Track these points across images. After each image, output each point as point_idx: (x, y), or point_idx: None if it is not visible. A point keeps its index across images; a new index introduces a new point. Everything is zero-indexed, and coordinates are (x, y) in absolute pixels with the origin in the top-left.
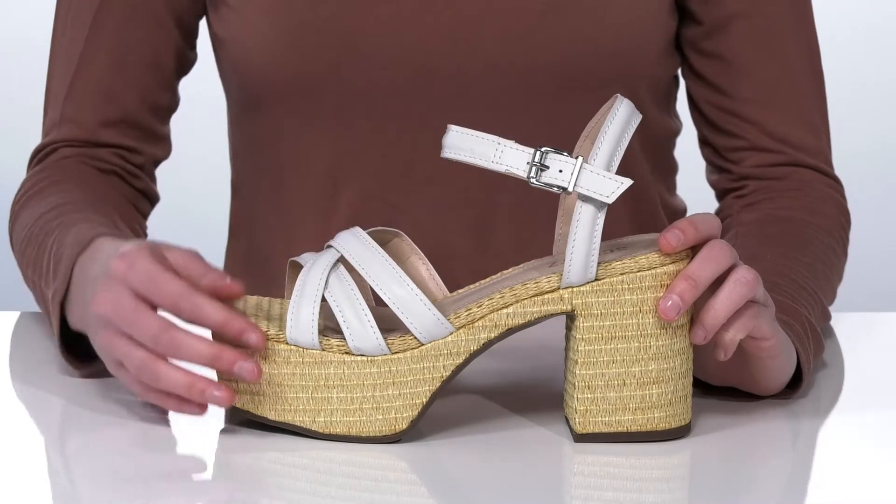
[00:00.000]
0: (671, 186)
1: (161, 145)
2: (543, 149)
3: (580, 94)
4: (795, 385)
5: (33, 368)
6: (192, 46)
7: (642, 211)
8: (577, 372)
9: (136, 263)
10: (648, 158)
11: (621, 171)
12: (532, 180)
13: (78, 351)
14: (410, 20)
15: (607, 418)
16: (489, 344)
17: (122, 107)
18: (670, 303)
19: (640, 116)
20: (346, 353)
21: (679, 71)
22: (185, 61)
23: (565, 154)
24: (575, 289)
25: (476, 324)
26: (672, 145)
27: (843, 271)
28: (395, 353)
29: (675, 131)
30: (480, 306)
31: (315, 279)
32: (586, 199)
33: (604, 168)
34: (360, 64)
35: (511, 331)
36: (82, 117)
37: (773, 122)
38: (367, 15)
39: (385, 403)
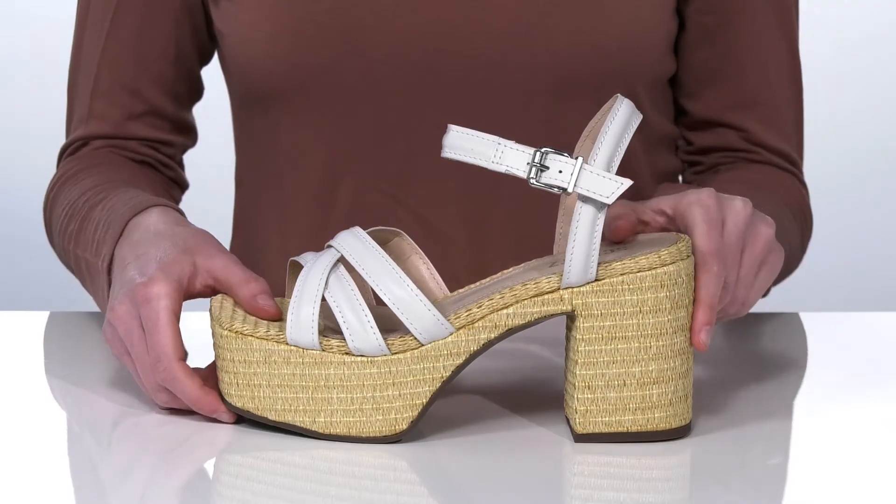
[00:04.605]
0: None
1: (188, 133)
2: (544, 149)
3: (579, 94)
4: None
5: (29, 369)
6: (212, 35)
7: None
8: (578, 372)
9: (151, 300)
10: (648, 159)
11: (623, 171)
12: (532, 181)
13: None
14: (410, 14)
15: (607, 418)
16: (489, 344)
17: (147, 101)
18: (704, 334)
19: (641, 116)
20: (346, 353)
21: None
22: (206, 50)
23: (566, 155)
24: (575, 289)
25: (476, 324)
26: (672, 147)
27: (803, 242)
28: (395, 353)
29: (673, 133)
30: (480, 307)
31: (315, 279)
32: (586, 199)
33: (604, 168)
34: (359, 58)
35: (511, 331)
36: (109, 113)
37: (751, 129)
38: (366, 9)
39: (385, 404)
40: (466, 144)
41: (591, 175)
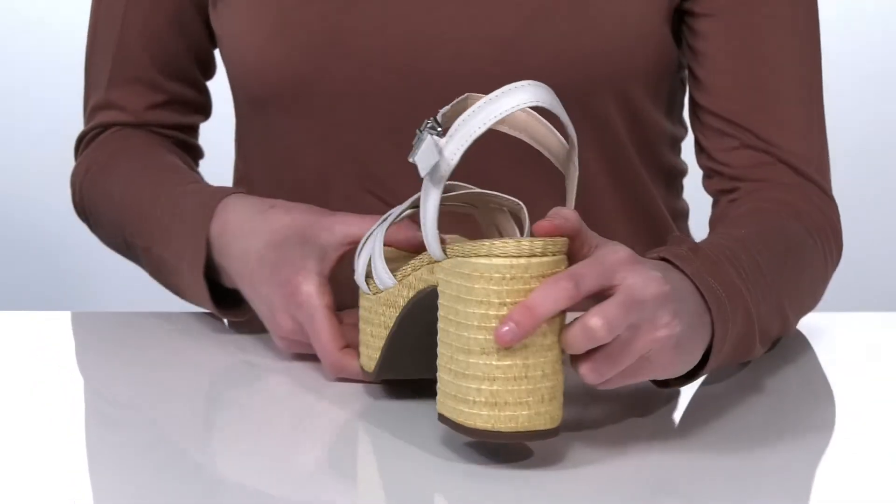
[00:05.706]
0: (675, 189)
1: (204, 110)
2: (428, 121)
3: (569, 97)
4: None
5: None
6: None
7: (640, 212)
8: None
9: (302, 304)
10: (646, 161)
11: (617, 171)
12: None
13: (229, 299)
14: (397, 20)
15: (443, 400)
16: (415, 300)
17: (167, 91)
18: (506, 328)
19: (551, 103)
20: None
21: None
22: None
23: (434, 128)
24: (439, 264)
25: (403, 281)
26: (675, 149)
27: (827, 271)
28: (375, 293)
29: (676, 135)
30: (409, 265)
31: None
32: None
33: (457, 144)
34: (347, 62)
35: (420, 293)
36: (130, 103)
37: (757, 129)
38: (354, 14)
39: (366, 338)
40: None
41: (427, 147)
